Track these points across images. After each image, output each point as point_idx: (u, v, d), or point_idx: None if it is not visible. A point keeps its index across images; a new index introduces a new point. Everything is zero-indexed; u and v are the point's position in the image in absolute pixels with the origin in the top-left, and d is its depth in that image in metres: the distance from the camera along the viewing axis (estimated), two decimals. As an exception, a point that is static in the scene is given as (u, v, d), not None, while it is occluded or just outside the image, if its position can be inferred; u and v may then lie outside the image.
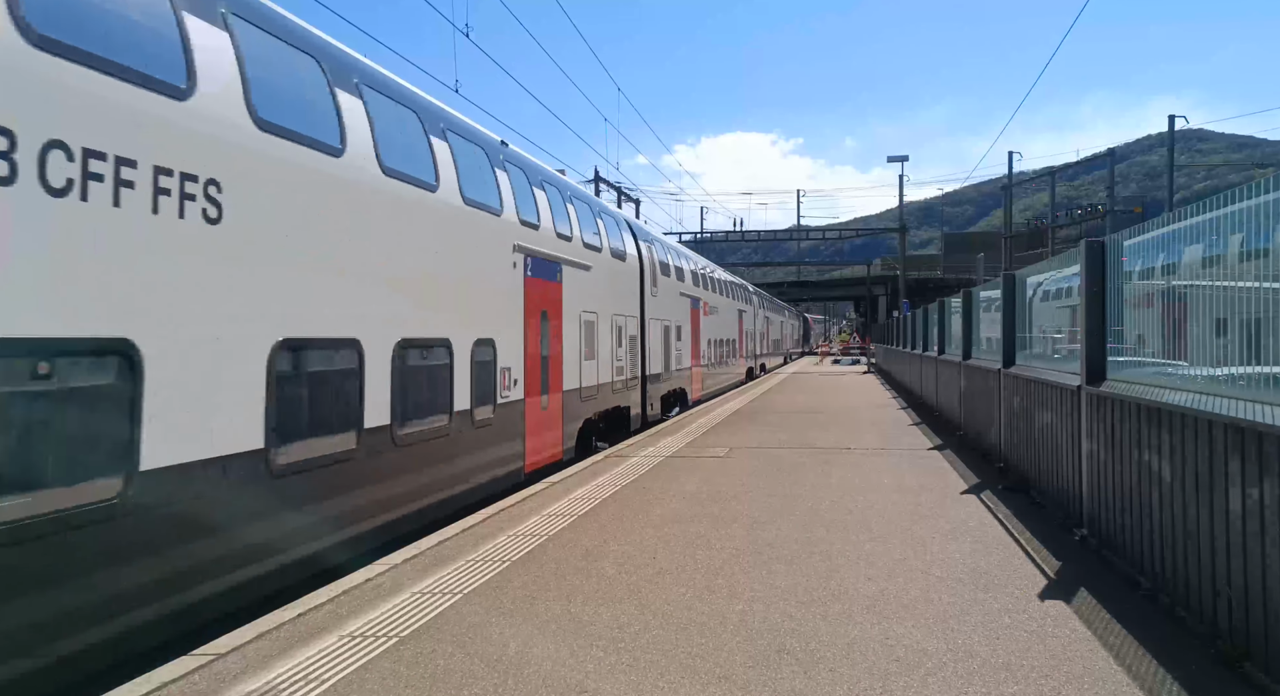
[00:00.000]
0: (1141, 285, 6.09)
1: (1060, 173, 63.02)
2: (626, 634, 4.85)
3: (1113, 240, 6.55)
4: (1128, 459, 5.90)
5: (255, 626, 4.99)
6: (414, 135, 8.57)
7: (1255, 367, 4.29)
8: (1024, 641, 4.67)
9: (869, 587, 5.68)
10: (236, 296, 5.72)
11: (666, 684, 4.16)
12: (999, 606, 5.27)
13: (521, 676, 4.26)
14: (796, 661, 4.42)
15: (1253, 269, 4.34)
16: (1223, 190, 4.73)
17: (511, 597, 5.55)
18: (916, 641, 4.68)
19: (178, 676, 4.26)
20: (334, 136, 7.00)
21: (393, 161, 7.78)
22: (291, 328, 6.28)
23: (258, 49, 6.16)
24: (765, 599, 5.45)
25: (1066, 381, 7.46)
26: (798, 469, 10.70)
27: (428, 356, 8.44)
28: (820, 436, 14.18)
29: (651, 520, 7.81)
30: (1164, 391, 5.36)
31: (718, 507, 8.34)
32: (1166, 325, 5.65)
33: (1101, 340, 6.67)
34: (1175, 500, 5.06)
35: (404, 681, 4.23)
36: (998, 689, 4.06)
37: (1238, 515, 4.26)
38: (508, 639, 4.79)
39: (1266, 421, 3.94)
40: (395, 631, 4.93)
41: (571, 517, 7.97)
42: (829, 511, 8.11)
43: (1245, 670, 4.13)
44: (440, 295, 8.79)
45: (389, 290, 7.74)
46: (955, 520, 7.71)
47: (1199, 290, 5.03)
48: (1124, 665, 4.33)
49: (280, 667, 4.40)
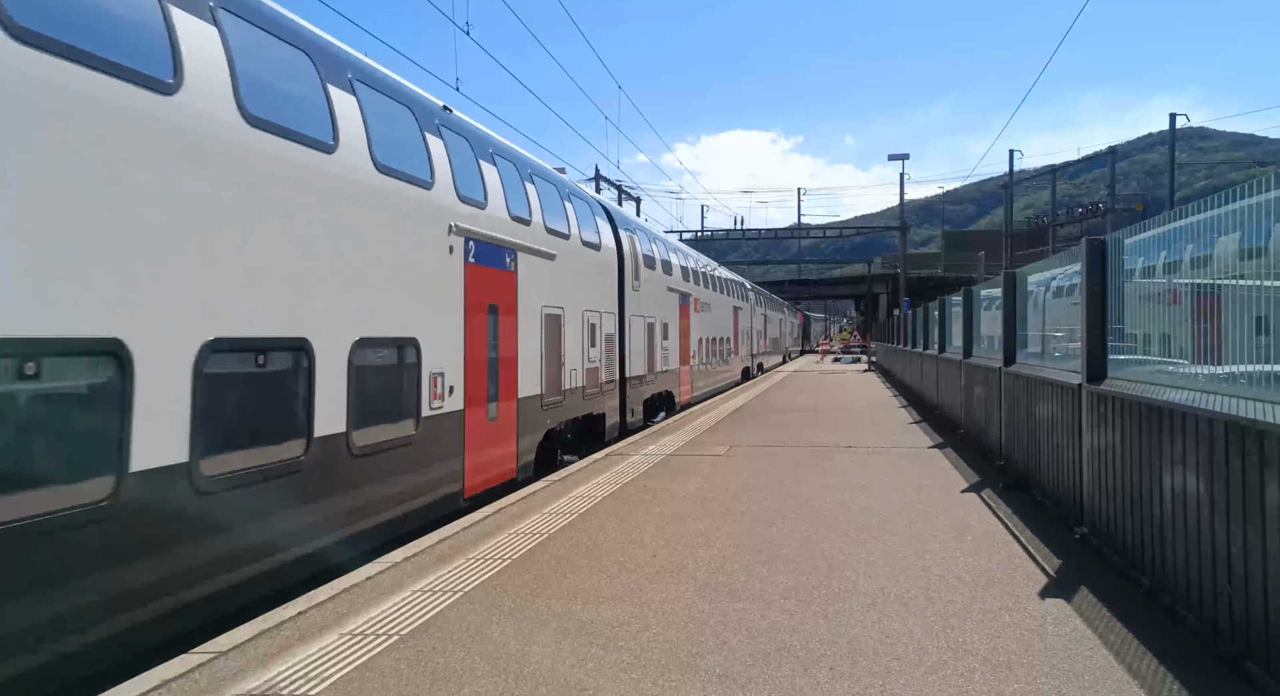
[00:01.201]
0: (1156, 283, 5.94)
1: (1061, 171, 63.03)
2: (627, 632, 4.85)
3: (1113, 238, 6.55)
4: (1129, 457, 5.90)
5: (256, 624, 4.99)
6: (304, 82, 6.93)
7: (1257, 366, 4.28)
8: (1024, 639, 4.67)
9: (869, 586, 5.68)
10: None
11: (667, 682, 4.16)
12: (999, 604, 5.27)
13: (522, 674, 4.26)
14: (797, 659, 4.42)
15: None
16: (1223, 188, 4.71)
17: (512, 596, 5.55)
18: (917, 639, 4.68)
19: (178, 674, 4.27)
20: (165, 68, 5.28)
21: (260, 110, 6.09)
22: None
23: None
24: (765, 597, 5.45)
25: (1067, 379, 7.45)
26: (798, 467, 10.70)
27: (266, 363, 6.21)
28: (820, 435, 14.17)
29: (652, 518, 7.81)
30: (1165, 389, 5.35)
31: (718, 506, 8.34)
32: (1198, 322, 5.39)
33: (1103, 338, 6.66)
34: (1176, 498, 5.05)
35: (404, 679, 4.23)
36: (998, 687, 4.06)
37: (1239, 513, 4.25)
38: (508, 637, 4.79)
39: (1268, 419, 3.93)
40: (396, 629, 4.93)
41: (572, 516, 7.97)
42: (829, 510, 8.11)
43: (1246, 668, 4.12)
44: (306, 280, 6.65)
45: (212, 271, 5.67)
46: (955, 518, 7.71)
47: (1236, 288, 4.74)
48: (1124, 663, 4.32)
49: (280, 665, 4.40)
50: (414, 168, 8.39)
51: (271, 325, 6.24)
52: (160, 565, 5.06)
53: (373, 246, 7.62)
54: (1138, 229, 6.13)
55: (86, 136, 4.70)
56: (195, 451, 5.29)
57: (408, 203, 8.24)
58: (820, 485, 9.43)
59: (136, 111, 5.00)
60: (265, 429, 6.20)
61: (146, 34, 5.24)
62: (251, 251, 6.01)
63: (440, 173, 8.86)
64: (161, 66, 5.25)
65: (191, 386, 5.30)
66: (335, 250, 7.02)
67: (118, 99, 4.86)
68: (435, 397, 8.61)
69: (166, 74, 5.28)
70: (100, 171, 4.78)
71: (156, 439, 5.03)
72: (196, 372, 5.34)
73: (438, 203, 8.80)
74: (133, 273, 4.97)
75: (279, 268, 6.33)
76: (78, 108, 4.62)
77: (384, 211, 7.80)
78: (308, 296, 6.62)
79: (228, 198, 5.80)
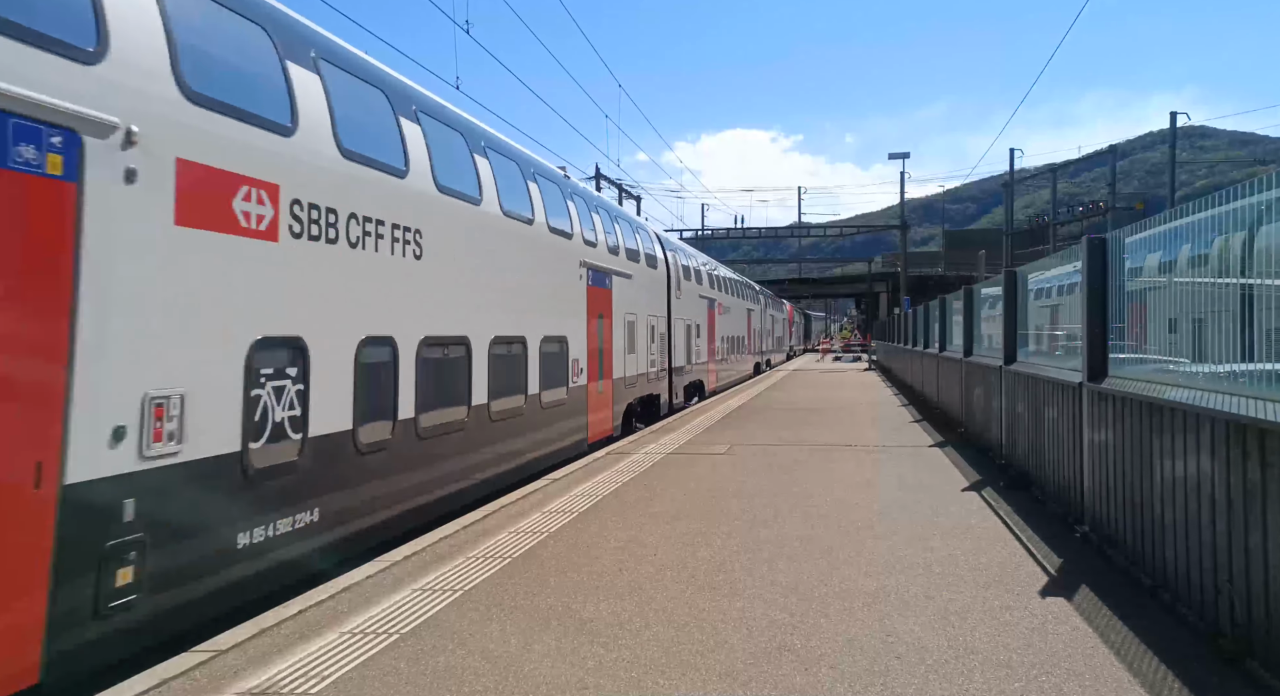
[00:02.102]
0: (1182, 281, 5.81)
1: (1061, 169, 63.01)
2: (627, 631, 4.85)
3: (1114, 236, 6.55)
4: (1129, 455, 5.89)
5: (256, 623, 4.99)
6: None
7: (1257, 365, 4.27)
8: (1025, 638, 4.67)
9: (870, 584, 5.67)
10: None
11: (667, 681, 4.16)
12: (1000, 603, 5.27)
13: (522, 673, 4.26)
14: (798, 658, 4.41)
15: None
16: (1224, 186, 4.69)
17: (512, 594, 5.55)
18: (918, 638, 4.68)
19: (179, 672, 4.27)
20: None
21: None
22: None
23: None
24: (766, 595, 5.44)
25: (1068, 378, 7.45)
26: (799, 466, 10.70)
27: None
28: (821, 433, 14.17)
29: (652, 517, 7.81)
30: (1165, 388, 5.35)
31: (719, 504, 8.34)
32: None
33: (1103, 337, 6.66)
34: (1177, 496, 5.05)
35: (404, 678, 4.22)
36: (999, 685, 4.06)
37: (1239, 511, 4.25)
38: (508, 635, 4.79)
39: (1269, 418, 3.93)
40: (396, 628, 4.93)
41: (572, 514, 7.97)
42: (830, 508, 8.10)
43: (1248, 667, 4.12)
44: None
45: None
46: (956, 517, 7.70)
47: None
48: (1126, 662, 4.32)
49: (281, 664, 4.40)
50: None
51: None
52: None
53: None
54: (1139, 226, 6.12)
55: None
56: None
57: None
58: (821, 483, 9.42)
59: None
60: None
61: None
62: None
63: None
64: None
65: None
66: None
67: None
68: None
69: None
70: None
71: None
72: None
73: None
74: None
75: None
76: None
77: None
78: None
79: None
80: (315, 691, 4.06)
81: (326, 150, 6.55)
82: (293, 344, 6.09)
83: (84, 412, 4.31)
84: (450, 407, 8.62)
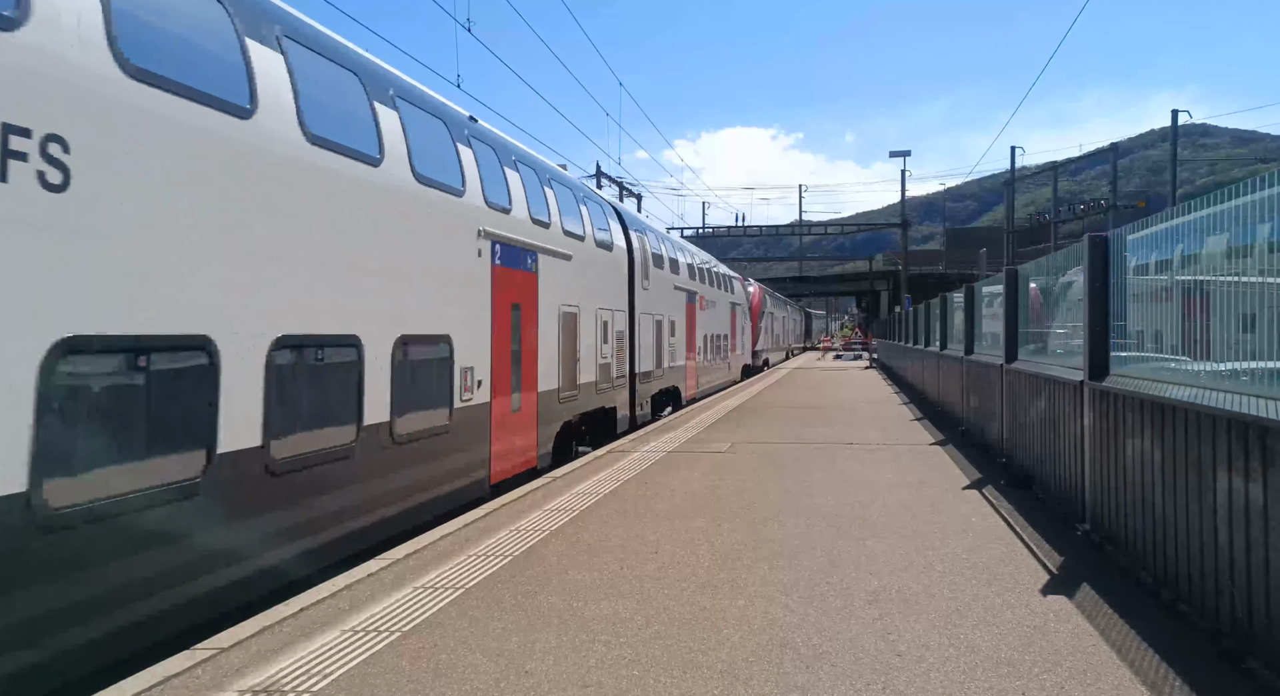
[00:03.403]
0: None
1: (1062, 168, 62.94)
2: (629, 628, 4.85)
3: (1115, 235, 6.54)
4: (1131, 454, 5.89)
5: (258, 620, 4.99)
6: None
7: (1258, 363, 4.27)
8: (1026, 636, 4.67)
9: (871, 583, 5.68)
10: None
11: (669, 678, 4.16)
12: (1001, 601, 5.27)
13: (524, 670, 4.27)
14: (799, 656, 4.42)
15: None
16: (1226, 184, 4.68)
17: (514, 592, 5.55)
18: (918, 636, 4.68)
19: (181, 670, 4.27)
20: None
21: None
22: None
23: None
24: (767, 594, 5.45)
25: (1069, 376, 7.44)
26: (799, 464, 10.70)
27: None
28: (822, 432, 14.17)
29: (654, 515, 7.81)
30: (1167, 386, 5.34)
31: (720, 503, 8.34)
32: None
33: (1105, 335, 6.65)
34: (1178, 495, 5.05)
35: (406, 676, 4.23)
36: (1000, 684, 4.06)
37: (1241, 510, 4.25)
38: (510, 633, 4.79)
39: (1270, 416, 3.92)
40: (398, 626, 4.93)
41: (573, 513, 7.97)
42: (831, 507, 8.11)
43: (1249, 665, 4.12)
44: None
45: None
46: (957, 515, 7.71)
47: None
48: (1127, 660, 4.32)
49: (283, 662, 4.40)
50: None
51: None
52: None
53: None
54: (1140, 225, 6.11)
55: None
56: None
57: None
58: (822, 482, 9.42)
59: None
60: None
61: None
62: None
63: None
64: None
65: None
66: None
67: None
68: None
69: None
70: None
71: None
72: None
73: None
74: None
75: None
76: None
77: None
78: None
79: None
80: (317, 689, 4.07)
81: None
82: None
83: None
84: (165, 458, 4.99)
